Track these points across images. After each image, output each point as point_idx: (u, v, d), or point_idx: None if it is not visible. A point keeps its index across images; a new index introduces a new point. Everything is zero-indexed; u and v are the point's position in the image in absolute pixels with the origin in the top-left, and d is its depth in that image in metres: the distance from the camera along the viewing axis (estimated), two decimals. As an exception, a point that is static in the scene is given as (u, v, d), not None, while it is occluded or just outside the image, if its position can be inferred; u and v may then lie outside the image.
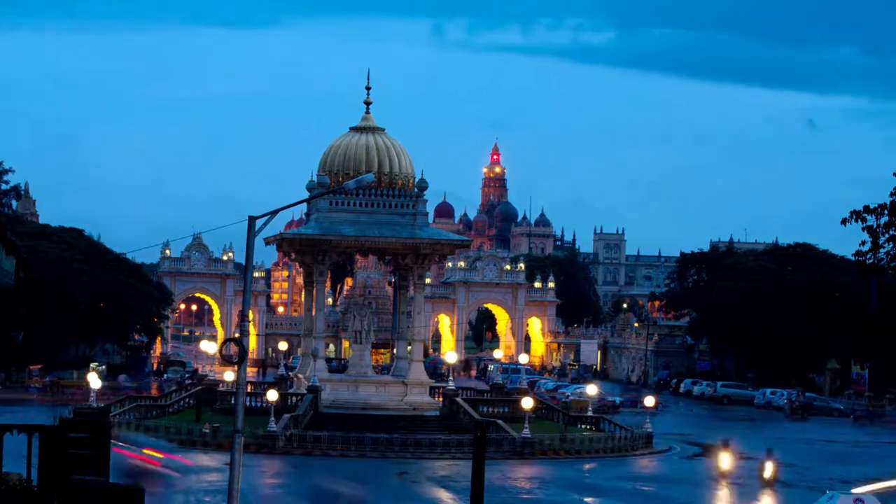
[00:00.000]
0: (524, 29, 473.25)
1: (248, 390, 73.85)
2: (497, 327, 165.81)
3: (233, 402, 28.03)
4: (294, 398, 72.11)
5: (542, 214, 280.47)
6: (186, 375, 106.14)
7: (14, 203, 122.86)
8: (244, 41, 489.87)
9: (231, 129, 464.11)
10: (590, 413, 76.02)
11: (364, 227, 71.99)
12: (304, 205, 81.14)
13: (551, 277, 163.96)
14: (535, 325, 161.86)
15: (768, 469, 54.38)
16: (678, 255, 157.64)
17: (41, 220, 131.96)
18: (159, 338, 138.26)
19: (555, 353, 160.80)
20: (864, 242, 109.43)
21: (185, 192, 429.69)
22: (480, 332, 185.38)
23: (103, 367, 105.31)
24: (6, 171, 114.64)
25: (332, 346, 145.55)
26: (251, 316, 31.61)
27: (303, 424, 64.62)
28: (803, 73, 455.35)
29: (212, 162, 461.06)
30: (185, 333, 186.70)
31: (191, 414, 71.51)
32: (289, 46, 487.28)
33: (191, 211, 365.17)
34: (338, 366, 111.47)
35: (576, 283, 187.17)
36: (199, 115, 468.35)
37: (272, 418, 62.56)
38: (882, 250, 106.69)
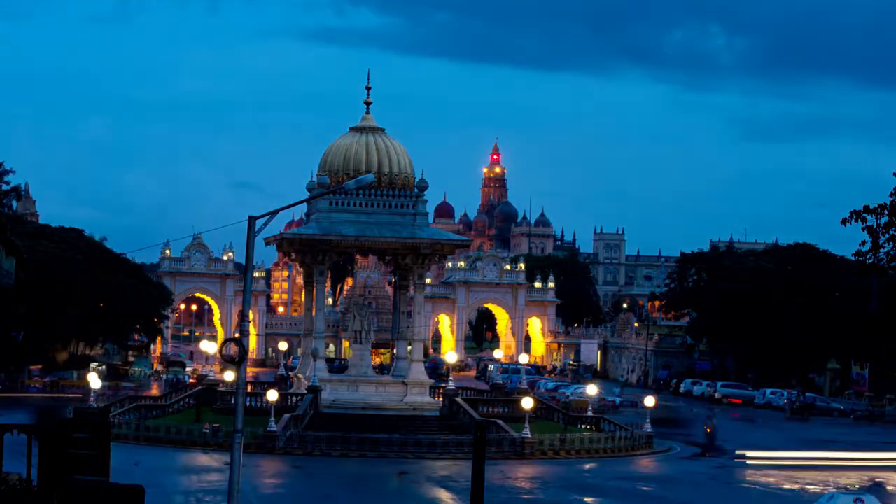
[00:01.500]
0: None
1: (248, 390, 73.88)
2: (497, 327, 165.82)
3: (233, 402, 28.02)
4: (294, 398, 72.10)
5: (542, 214, 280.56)
6: (186, 377, 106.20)
7: (14, 203, 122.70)
8: (244, 41, 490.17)
9: (231, 128, 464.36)
10: (590, 413, 76.00)
11: (364, 227, 71.97)
12: (305, 205, 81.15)
13: (551, 277, 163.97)
14: (535, 325, 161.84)
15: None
16: (678, 255, 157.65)
17: (41, 220, 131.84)
18: (159, 338, 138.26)
19: (555, 353, 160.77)
20: (864, 242, 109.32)
21: (185, 191, 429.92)
22: (480, 332, 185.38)
23: (103, 367, 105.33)
24: (7, 172, 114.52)
25: (332, 346, 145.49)
26: (251, 316, 31.63)
27: (303, 424, 64.59)
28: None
29: (212, 161, 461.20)
30: (185, 333, 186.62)
31: (191, 414, 71.51)
32: (289, 47, 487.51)
33: (191, 211, 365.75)
34: (339, 366, 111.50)
35: (576, 283, 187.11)
36: (200, 115, 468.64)
37: (272, 418, 62.54)
38: (882, 250, 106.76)
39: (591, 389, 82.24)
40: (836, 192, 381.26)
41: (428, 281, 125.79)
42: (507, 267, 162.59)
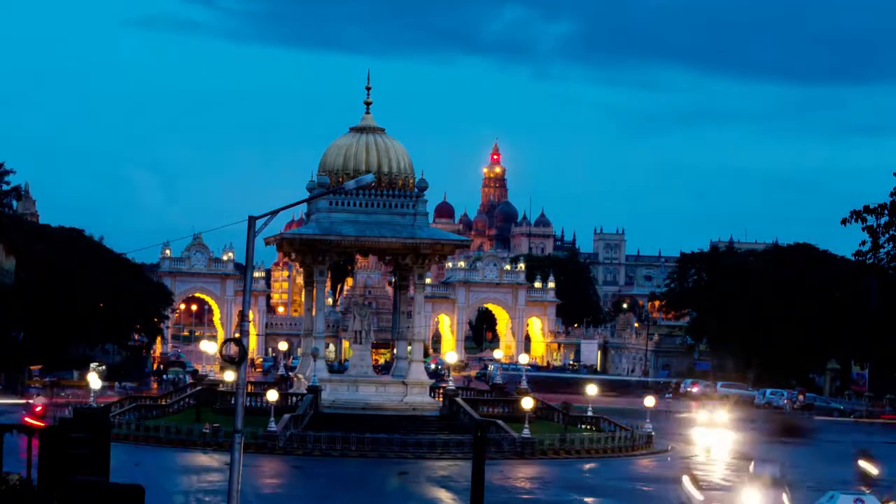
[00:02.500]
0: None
1: (248, 390, 73.84)
2: (497, 327, 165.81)
3: (233, 402, 28.01)
4: (294, 398, 72.10)
5: (542, 214, 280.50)
6: (186, 377, 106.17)
7: (14, 203, 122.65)
8: (244, 41, 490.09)
9: (231, 128, 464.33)
10: (590, 413, 75.97)
11: (364, 228, 71.94)
12: (304, 205, 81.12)
13: (551, 277, 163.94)
14: (535, 325, 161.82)
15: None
16: (678, 255, 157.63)
17: (41, 220, 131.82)
18: (159, 338, 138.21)
19: (555, 353, 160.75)
20: (864, 242, 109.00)
21: (185, 191, 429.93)
22: (480, 332, 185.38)
23: (103, 367, 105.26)
24: (7, 172, 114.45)
25: (332, 346, 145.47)
26: (251, 316, 31.61)
27: (303, 424, 64.57)
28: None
29: (212, 162, 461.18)
30: (185, 333, 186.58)
31: (191, 414, 71.48)
32: (289, 47, 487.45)
33: (191, 211, 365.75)
34: (339, 367, 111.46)
35: (576, 283, 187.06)
36: (199, 115, 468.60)
37: (272, 418, 62.54)
38: (882, 250, 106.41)
39: (591, 389, 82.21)
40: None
41: (428, 281, 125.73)
42: (507, 267, 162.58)
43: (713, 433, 76.56)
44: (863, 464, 49.28)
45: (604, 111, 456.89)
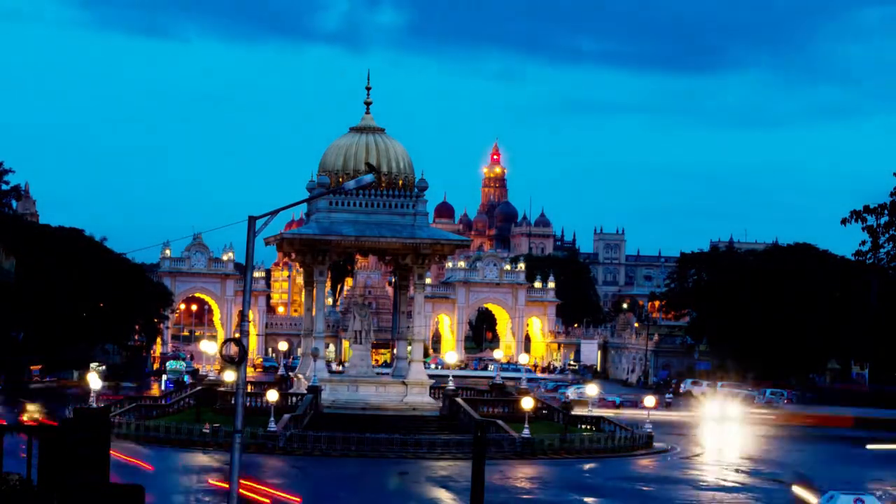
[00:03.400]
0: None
1: (248, 390, 73.84)
2: (497, 327, 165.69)
3: (233, 402, 28.00)
4: (294, 398, 72.10)
5: (542, 214, 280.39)
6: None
7: (14, 203, 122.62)
8: (243, 41, 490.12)
9: (230, 128, 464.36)
10: (590, 413, 75.95)
11: (364, 228, 71.94)
12: (305, 205, 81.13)
13: (551, 277, 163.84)
14: (535, 326, 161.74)
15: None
16: (678, 255, 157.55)
17: (41, 220, 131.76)
18: (159, 338, 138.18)
19: (555, 353, 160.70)
20: (864, 242, 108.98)
21: (185, 192, 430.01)
22: (480, 332, 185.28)
23: (103, 367, 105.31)
24: (6, 172, 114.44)
25: (332, 346, 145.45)
26: (251, 316, 31.62)
27: (303, 424, 64.56)
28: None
29: (212, 162, 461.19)
30: (185, 333, 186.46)
31: (191, 414, 71.50)
32: (288, 47, 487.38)
33: (191, 211, 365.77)
34: (339, 366, 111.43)
35: (576, 283, 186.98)
36: (200, 115, 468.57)
37: (272, 418, 62.55)
38: (882, 250, 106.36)
39: (591, 389, 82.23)
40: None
41: (428, 281, 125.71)
42: (507, 267, 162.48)
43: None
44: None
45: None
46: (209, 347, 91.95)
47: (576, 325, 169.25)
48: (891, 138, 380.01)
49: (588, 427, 72.57)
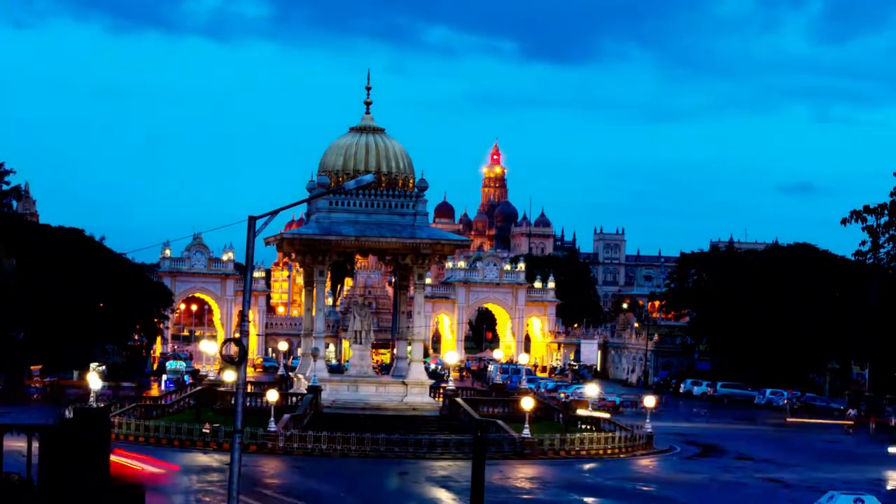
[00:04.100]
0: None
1: (248, 390, 73.86)
2: (497, 327, 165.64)
3: (233, 402, 28.01)
4: (294, 398, 72.09)
5: (543, 214, 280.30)
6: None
7: (14, 203, 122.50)
8: (242, 41, 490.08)
9: (231, 128, 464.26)
10: (590, 413, 75.89)
11: (364, 228, 71.93)
12: (304, 205, 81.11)
13: (551, 277, 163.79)
14: (535, 326, 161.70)
15: None
16: (678, 255, 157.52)
17: (41, 220, 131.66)
18: (159, 338, 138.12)
19: (555, 354, 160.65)
20: (864, 242, 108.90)
21: (185, 192, 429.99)
22: (480, 332, 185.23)
23: (103, 367, 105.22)
24: (7, 172, 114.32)
25: (332, 346, 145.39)
26: (251, 316, 31.62)
27: (303, 424, 64.55)
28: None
29: (212, 162, 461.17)
30: (185, 333, 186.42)
31: (191, 414, 71.49)
32: (288, 46, 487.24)
33: (191, 211, 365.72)
34: (339, 367, 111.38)
35: (576, 283, 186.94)
36: (199, 115, 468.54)
37: (272, 418, 62.53)
38: (882, 250, 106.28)
39: (591, 389, 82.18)
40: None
41: (428, 281, 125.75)
42: (507, 267, 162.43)
43: None
44: None
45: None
46: (209, 347, 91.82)
47: (576, 326, 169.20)
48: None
49: (588, 427, 72.54)
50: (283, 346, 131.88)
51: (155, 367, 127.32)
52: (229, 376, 74.88)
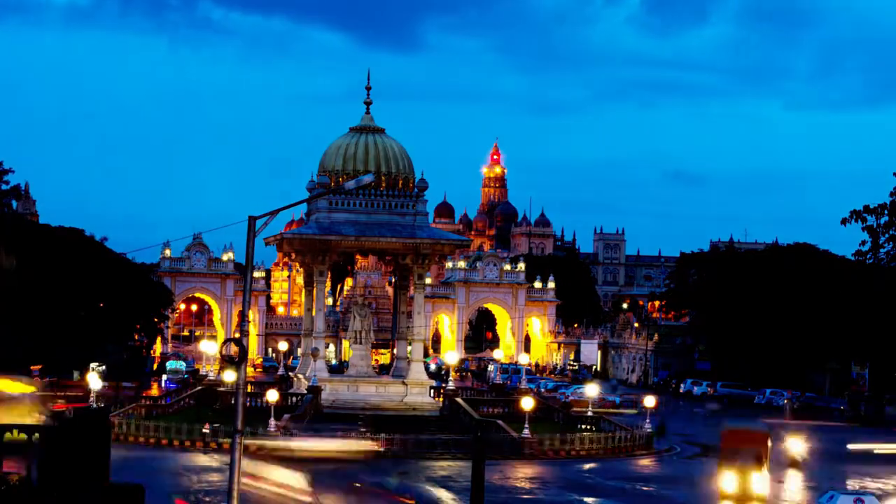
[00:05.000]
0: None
1: (248, 390, 73.85)
2: (497, 327, 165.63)
3: (233, 402, 28.01)
4: (294, 398, 72.11)
5: (543, 214, 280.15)
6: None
7: (14, 203, 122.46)
8: (242, 41, 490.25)
9: (231, 128, 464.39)
10: (590, 413, 75.92)
11: (364, 228, 71.96)
12: (305, 205, 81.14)
13: (551, 277, 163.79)
14: (535, 326, 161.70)
15: None
16: (678, 255, 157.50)
17: (41, 220, 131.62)
18: (159, 338, 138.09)
19: (555, 353, 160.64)
20: (864, 242, 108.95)
21: (185, 192, 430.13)
22: (480, 332, 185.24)
23: (103, 367, 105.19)
24: (6, 172, 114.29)
25: (332, 346, 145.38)
26: (251, 316, 31.66)
27: (303, 424, 64.54)
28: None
29: (212, 161, 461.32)
30: (185, 333, 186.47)
31: (191, 414, 71.51)
32: (288, 47, 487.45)
33: (191, 211, 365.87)
34: (339, 366, 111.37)
35: (576, 283, 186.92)
36: (199, 115, 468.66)
37: (272, 418, 62.53)
38: (882, 250, 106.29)
39: (591, 389, 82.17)
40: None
41: (428, 281, 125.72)
42: (507, 267, 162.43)
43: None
44: None
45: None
46: (209, 347, 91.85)
47: (576, 326, 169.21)
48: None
49: (588, 427, 72.56)
50: (283, 346, 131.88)
51: (155, 367, 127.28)
52: (229, 376, 74.86)
